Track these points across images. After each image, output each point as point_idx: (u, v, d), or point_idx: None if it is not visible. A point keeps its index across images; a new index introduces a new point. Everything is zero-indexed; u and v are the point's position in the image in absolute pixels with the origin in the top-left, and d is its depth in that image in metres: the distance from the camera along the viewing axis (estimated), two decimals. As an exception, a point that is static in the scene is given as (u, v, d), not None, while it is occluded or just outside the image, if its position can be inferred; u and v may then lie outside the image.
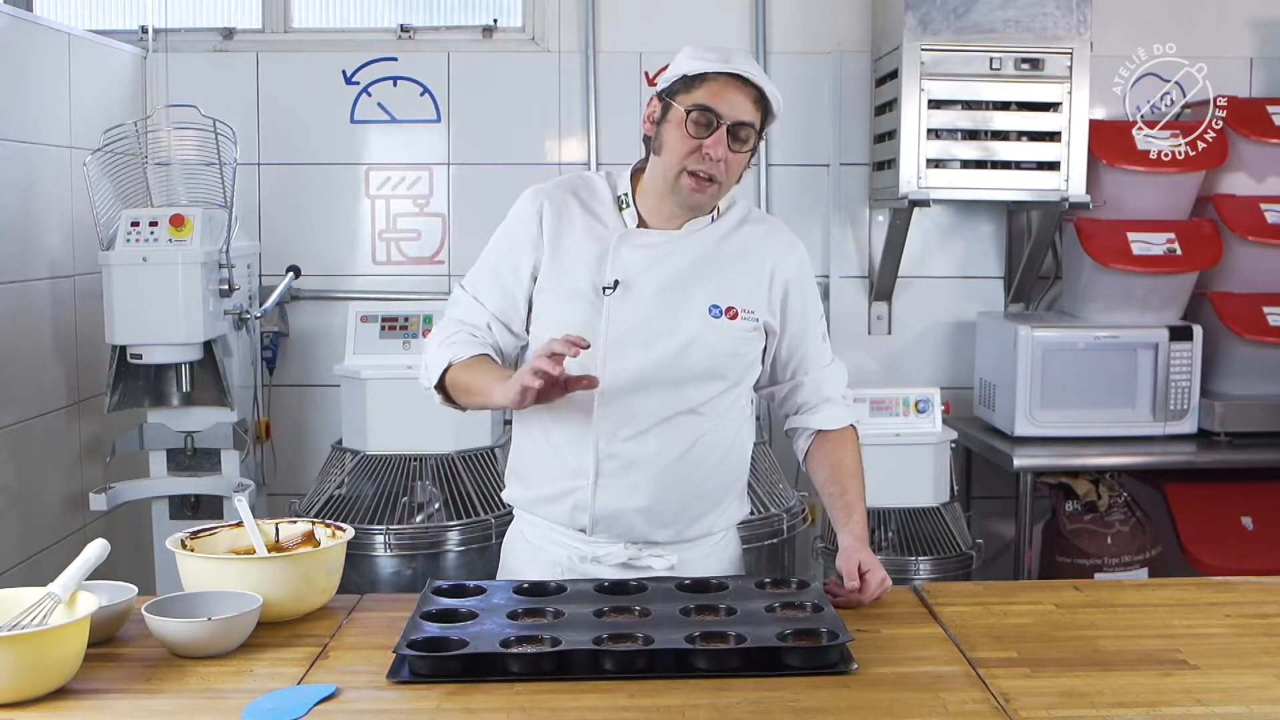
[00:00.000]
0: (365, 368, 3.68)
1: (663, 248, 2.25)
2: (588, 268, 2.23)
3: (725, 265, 2.26)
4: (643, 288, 2.22)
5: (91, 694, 1.77)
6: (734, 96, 2.15)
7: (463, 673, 1.81)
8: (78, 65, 3.89)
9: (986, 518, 4.46)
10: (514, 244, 2.29)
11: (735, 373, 2.28)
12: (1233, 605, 2.18)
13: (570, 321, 2.20)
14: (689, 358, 2.22)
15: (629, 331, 2.20)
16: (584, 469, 2.24)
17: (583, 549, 2.28)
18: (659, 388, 2.21)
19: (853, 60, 4.37)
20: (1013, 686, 1.79)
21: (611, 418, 2.22)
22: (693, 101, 2.16)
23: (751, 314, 2.26)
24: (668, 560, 2.28)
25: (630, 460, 2.22)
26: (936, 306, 4.48)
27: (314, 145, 4.38)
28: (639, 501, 2.24)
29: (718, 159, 2.16)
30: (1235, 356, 4.05)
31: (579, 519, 2.27)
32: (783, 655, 1.84)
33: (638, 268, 2.23)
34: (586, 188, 2.32)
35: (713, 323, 2.23)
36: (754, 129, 2.17)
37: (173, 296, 3.54)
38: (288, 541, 2.25)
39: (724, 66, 2.15)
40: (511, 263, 2.28)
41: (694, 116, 2.15)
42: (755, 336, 2.29)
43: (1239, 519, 4.00)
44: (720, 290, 2.25)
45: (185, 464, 3.80)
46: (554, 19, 4.37)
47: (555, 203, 2.28)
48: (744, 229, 2.31)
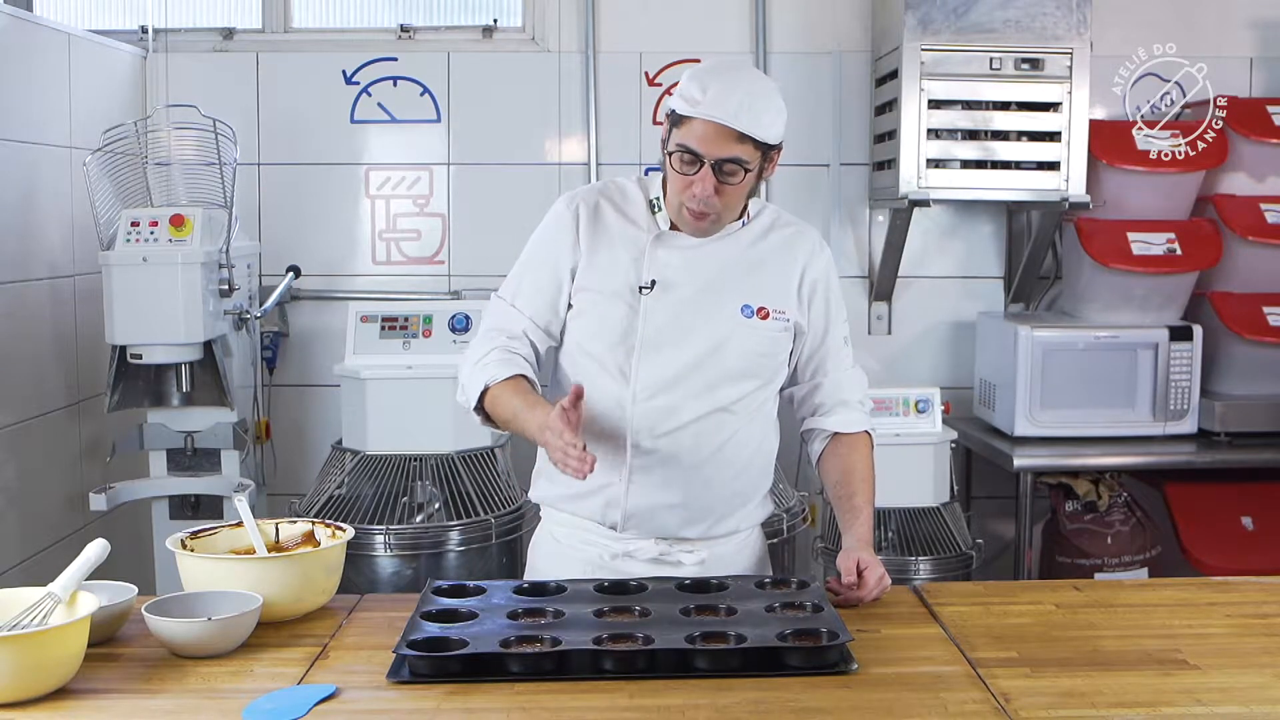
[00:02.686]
0: (365, 368, 3.68)
1: (697, 250, 2.27)
2: (624, 268, 2.26)
3: (757, 267, 2.30)
4: (679, 288, 2.25)
5: (91, 694, 1.77)
6: (712, 135, 2.13)
7: (463, 673, 1.81)
8: (78, 65, 3.89)
9: (986, 518, 4.46)
10: (552, 249, 2.30)
11: (766, 372, 2.31)
12: (1233, 605, 2.18)
13: (609, 320, 2.24)
14: (723, 357, 2.25)
15: (664, 330, 2.23)
16: (617, 465, 2.25)
17: (613, 545, 2.30)
18: (693, 386, 2.24)
19: (853, 60, 4.37)
20: (1013, 686, 1.79)
21: (646, 415, 2.24)
22: (677, 141, 2.17)
23: (783, 314, 2.30)
24: (698, 555, 2.30)
25: (664, 458, 2.24)
26: (936, 306, 4.48)
27: (314, 145, 4.38)
28: (671, 498, 2.26)
29: (705, 196, 2.16)
30: (1235, 356, 4.05)
31: (610, 515, 2.28)
32: (783, 655, 1.84)
33: (674, 268, 2.25)
34: (619, 192, 2.34)
35: (745, 323, 2.26)
36: (741, 163, 2.15)
37: (173, 296, 3.53)
38: (288, 541, 2.25)
39: (703, 113, 2.12)
40: (550, 267, 2.30)
41: (678, 155, 2.17)
42: (785, 337, 2.32)
43: (1239, 519, 4.00)
44: (753, 291, 2.28)
45: (185, 464, 3.80)
46: (554, 19, 4.37)
47: (589, 206, 2.31)
48: (774, 233, 2.34)
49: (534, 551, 2.46)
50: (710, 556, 2.32)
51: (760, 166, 2.19)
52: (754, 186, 2.24)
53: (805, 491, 3.95)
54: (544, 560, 2.41)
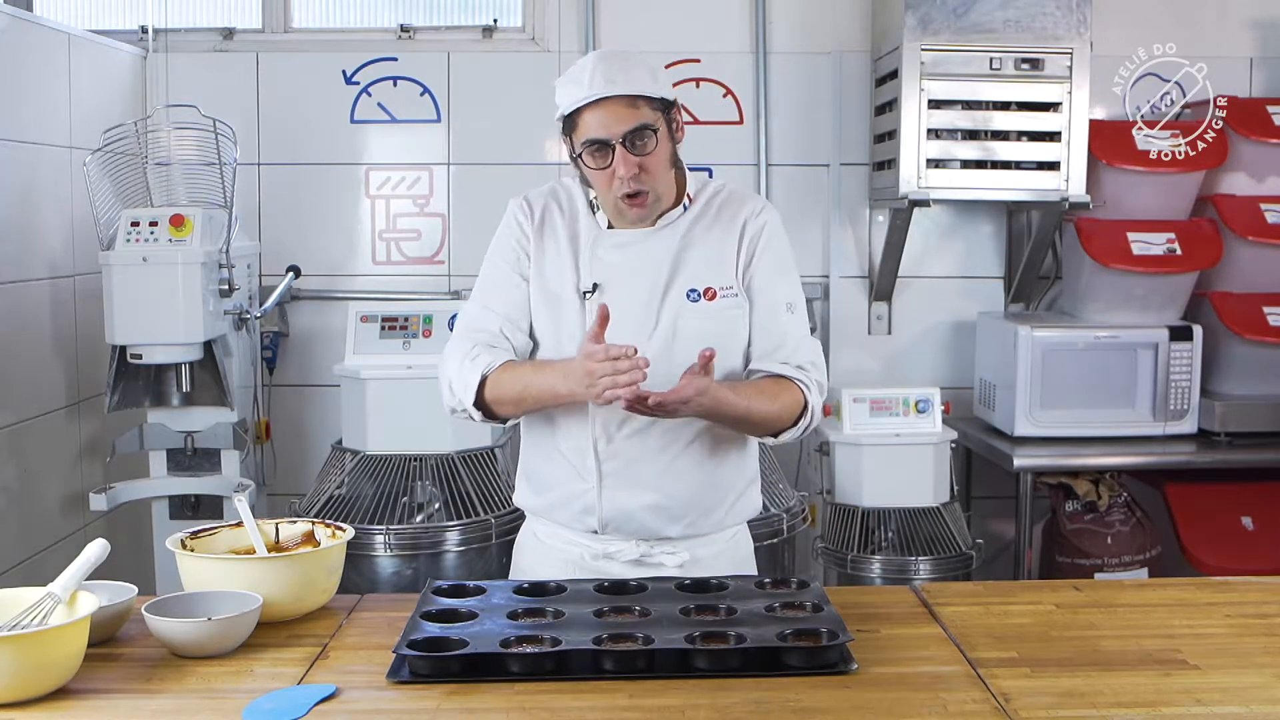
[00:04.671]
0: (365, 368, 3.68)
1: (637, 246, 2.27)
2: (568, 272, 2.27)
3: (698, 246, 2.27)
4: (620, 287, 2.24)
5: (91, 694, 1.77)
6: (609, 116, 2.14)
7: (462, 673, 1.81)
8: (78, 65, 3.89)
9: (986, 518, 4.46)
10: (508, 250, 2.33)
11: (729, 354, 2.25)
12: (1233, 605, 2.18)
13: (558, 324, 2.25)
14: (679, 347, 2.22)
15: (613, 332, 2.18)
16: (588, 471, 2.25)
17: (594, 546, 2.30)
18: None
19: (853, 60, 4.37)
20: (1013, 686, 1.79)
21: (607, 418, 2.22)
22: (580, 139, 2.18)
23: (730, 289, 2.27)
24: (679, 557, 2.29)
25: (633, 458, 2.23)
26: (936, 306, 4.48)
27: (314, 145, 4.38)
28: (648, 498, 2.25)
29: (631, 175, 2.16)
30: (1235, 356, 4.05)
31: (588, 521, 2.28)
32: (782, 655, 1.84)
33: (614, 268, 2.26)
34: (565, 194, 2.35)
35: (693, 308, 2.24)
36: (647, 128, 2.15)
37: (173, 296, 3.54)
38: (288, 541, 2.25)
39: (583, 98, 2.14)
40: (511, 267, 2.32)
41: (588, 153, 2.18)
42: (741, 313, 2.27)
43: (1239, 519, 4.00)
44: (694, 274, 2.26)
45: (185, 464, 3.80)
46: (554, 19, 4.37)
47: (538, 209, 2.33)
48: (713, 207, 2.32)
49: (519, 552, 2.46)
50: (691, 560, 2.29)
51: (668, 126, 2.19)
52: (673, 153, 2.23)
53: (805, 491, 3.95)
54: (528, 560, 2.41)
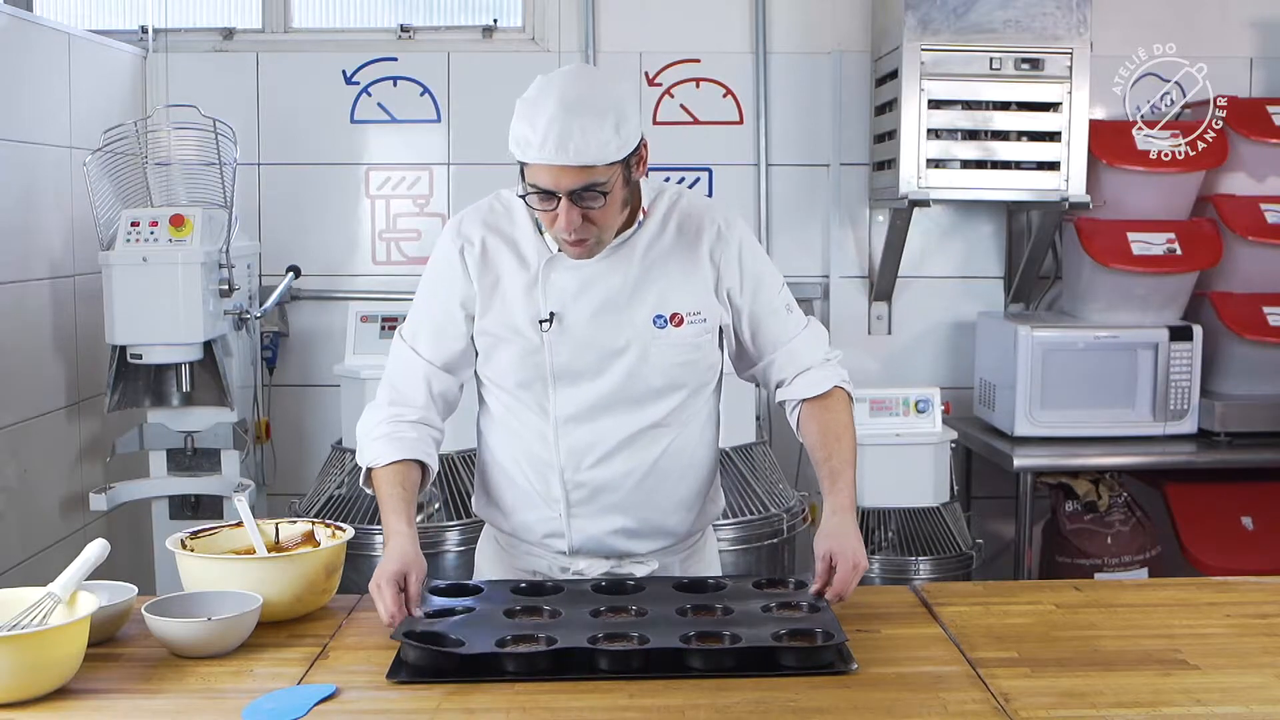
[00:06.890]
0: (365, 368, 3.67)
1: (592, 267, 2.11)
2: (520, 304, 2.13)
3: (660, 270, 2.14)
4: (579, 314, 2.11)
5: (91, 694, 1.76)
6: (559, 174, 1.97)
7: (458, 672, 1.80)
8: (78, 65, 3.89)
9: (986, 518, 4.46)
10: (442, 287, 2.19)
11: (694, 380, 2.19)
12: (1233, 605, 2.18)
13: (515, 360, 2.14)
14: (642, 376, 2.13)
15: (574, 361, 2.12)
16: (554, 498, 2.20)
17: (563, 561, 2.26)
18: (617, 410, 2.15)
19: (853, 60, 4.37)
20: (1013, 686, 1.79)
21: (572, 447, 2.16)
22: (528, 181, 2.03)
23: (698, 315, 2.14)
24: (648, 567, 2.26)
25: (599, 486, 2.18)
26: (936, 306, 4.48)
27: (314, 145, 4.38)
28: (616, 523, 2.21)
29: (574, 227, 2.01)
30: (1235, 356, 4.05)
31: (556, 544, 2.24)
32: (778, 655, 1.84)
33: (570, 294, 2.11)
34: (506, 215, 2.19)
35: (659, 334, 2.12)
36: (596, 188, 1.98)
37: (173, 296, 3.54)
38: (288, 541, 2.24)
39: (535, 158, 1.99)
40: (444, 306, 2.18)
41: (534, 196, 2.02)
42: (709, 339, 2.18)
43: (1239, 519, 4.00)
44: (661, 298, 2.13)
45: (185, 464, 3.80)
46: (554, 19, 4.37)
47: (475, 239, 2.17)
48: (672, 223, 2.16)
49: (480, 556, 2.38)
50: (660, 567, 2.27)
51: (625, 174, 2.02)
52: (627, 194, 2.07)
53: (805, 491, 3.94)
54: (489, 564, 2.35)
